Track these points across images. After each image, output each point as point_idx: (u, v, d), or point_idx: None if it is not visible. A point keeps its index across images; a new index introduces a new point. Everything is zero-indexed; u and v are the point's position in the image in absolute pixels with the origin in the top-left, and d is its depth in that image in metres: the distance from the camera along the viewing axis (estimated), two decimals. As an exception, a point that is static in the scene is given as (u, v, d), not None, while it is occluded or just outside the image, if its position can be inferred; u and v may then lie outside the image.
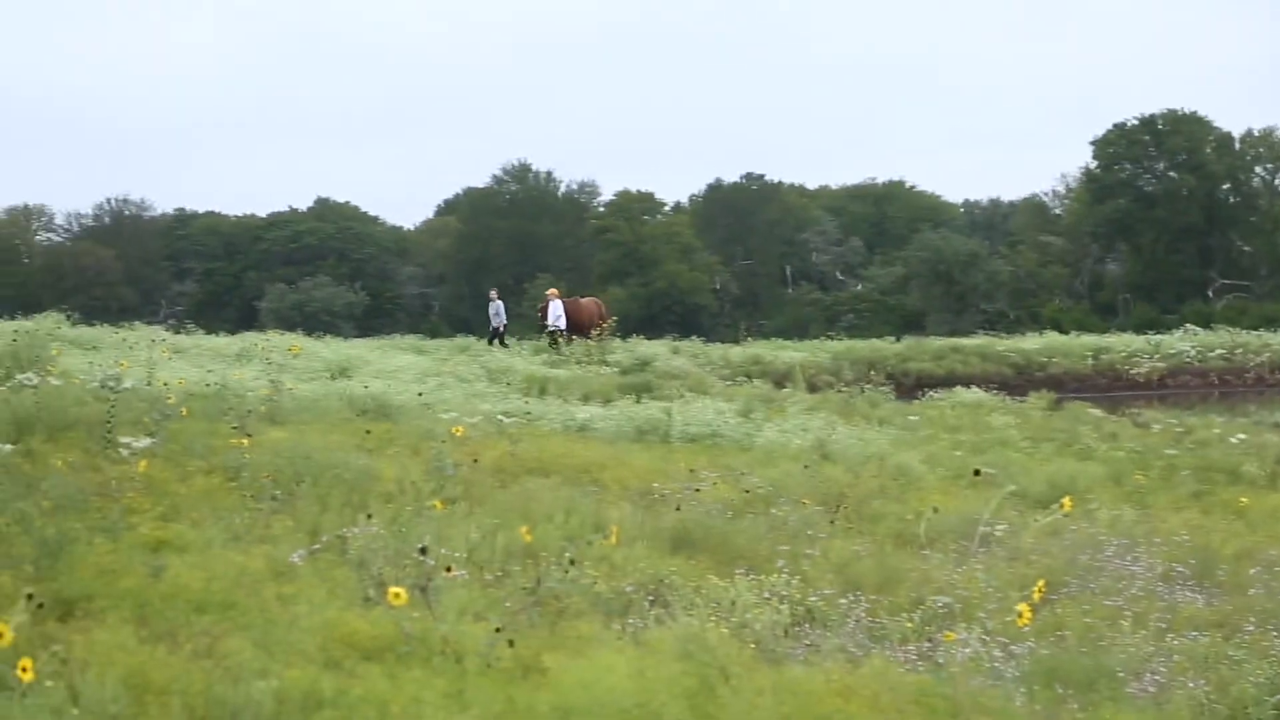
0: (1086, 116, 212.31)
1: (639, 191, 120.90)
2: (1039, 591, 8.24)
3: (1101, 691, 8.80)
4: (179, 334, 38.67)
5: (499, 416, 20.79)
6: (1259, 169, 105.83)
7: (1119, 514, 15.57)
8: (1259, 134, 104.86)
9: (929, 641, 9.89)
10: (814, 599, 10.85)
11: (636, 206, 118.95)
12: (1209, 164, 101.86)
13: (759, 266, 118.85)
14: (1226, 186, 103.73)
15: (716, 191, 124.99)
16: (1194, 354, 55.92)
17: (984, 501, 13.03)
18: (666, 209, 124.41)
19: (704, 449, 21.03)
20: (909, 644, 9.92)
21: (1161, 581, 12.60)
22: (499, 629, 8.22)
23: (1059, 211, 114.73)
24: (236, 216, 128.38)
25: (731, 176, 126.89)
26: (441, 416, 19.57)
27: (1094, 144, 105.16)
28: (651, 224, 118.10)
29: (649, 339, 48.69)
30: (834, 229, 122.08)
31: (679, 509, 13.90)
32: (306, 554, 10.60)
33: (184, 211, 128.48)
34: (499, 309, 44.72)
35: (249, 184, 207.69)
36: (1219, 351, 56.01)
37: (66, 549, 9.67)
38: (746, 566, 11.89)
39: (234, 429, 15.15)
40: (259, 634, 8.37)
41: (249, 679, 7.24)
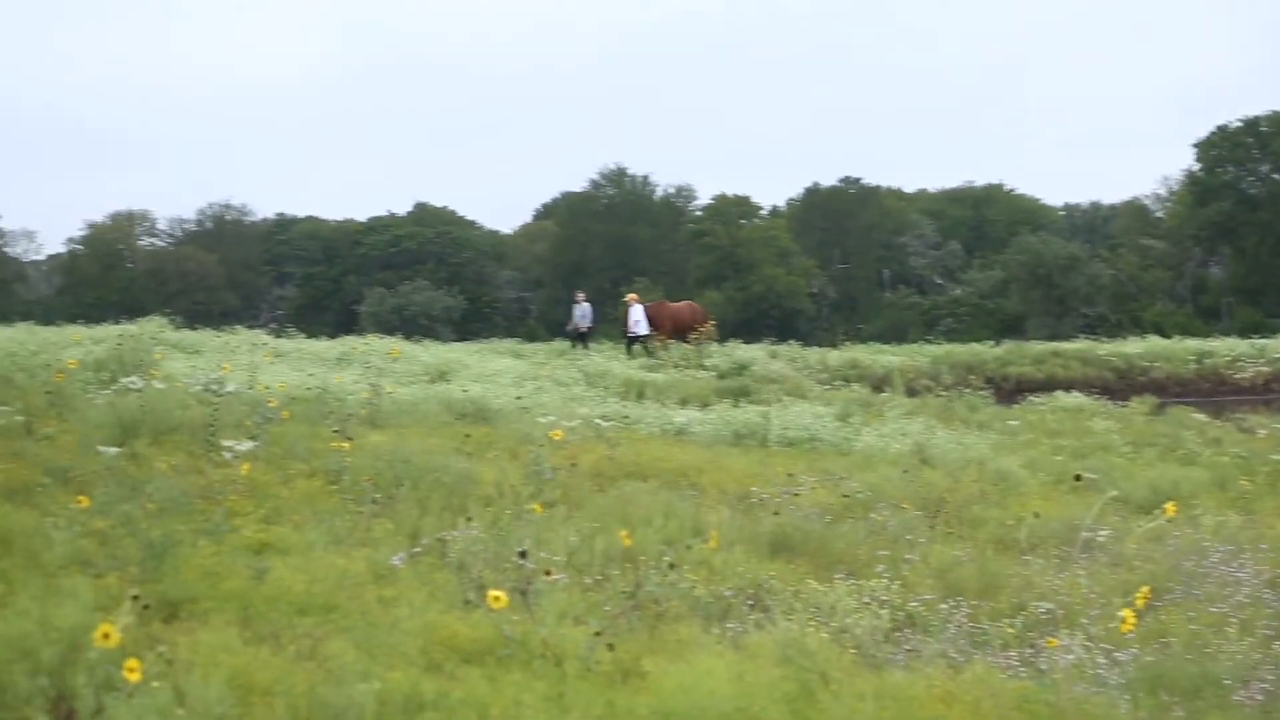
0: (1189, 119, 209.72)
1: (736, 195, 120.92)
2: (1142, 597, 8.14)
3: (1207, 699, 8.67)
4: (280, 338, 38.99)
5: (597, 420, 20.80)
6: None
7: (1223, 520, 15.33)
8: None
9: (1031, 647, 9.79)
10: (914, 604, 10.78)
11: (733, 210, 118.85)
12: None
13: (856, 270, 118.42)
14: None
15: (814, 195, 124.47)
16: (1299, 358, 54.98)
17: (1086, 507, 12.92)
18: (763, 213, 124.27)
19: (802, 453, 20.99)
20: (1010, 650, 9.83)
21: (1268, 588, 12.37)
22: (598, 632, 8.23)
23: (1160, 214, 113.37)
24: (336, 221, 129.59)
25: (829, 180, 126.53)
26: (539, 420, 19.61)
27: (1196, 146, 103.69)
28: (748, 228, 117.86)
29: (746, 343, 48.58)
30: (932, 232, 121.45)
31: (777, 513, 13.87)
32: (407, 557, 10.65)
33: (284, 216, 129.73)
34: (585, 311, 44.59)
35: (348, 189, 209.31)
36: (1325, 355, 55.05)
37: (171, 551, 9.78)
38: (846, 571, 11.84)
39: (335, 432, 15.26)
40: (360, 636, 8.43)
41: (351, 681, 7.28)
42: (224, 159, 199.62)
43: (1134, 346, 58.07)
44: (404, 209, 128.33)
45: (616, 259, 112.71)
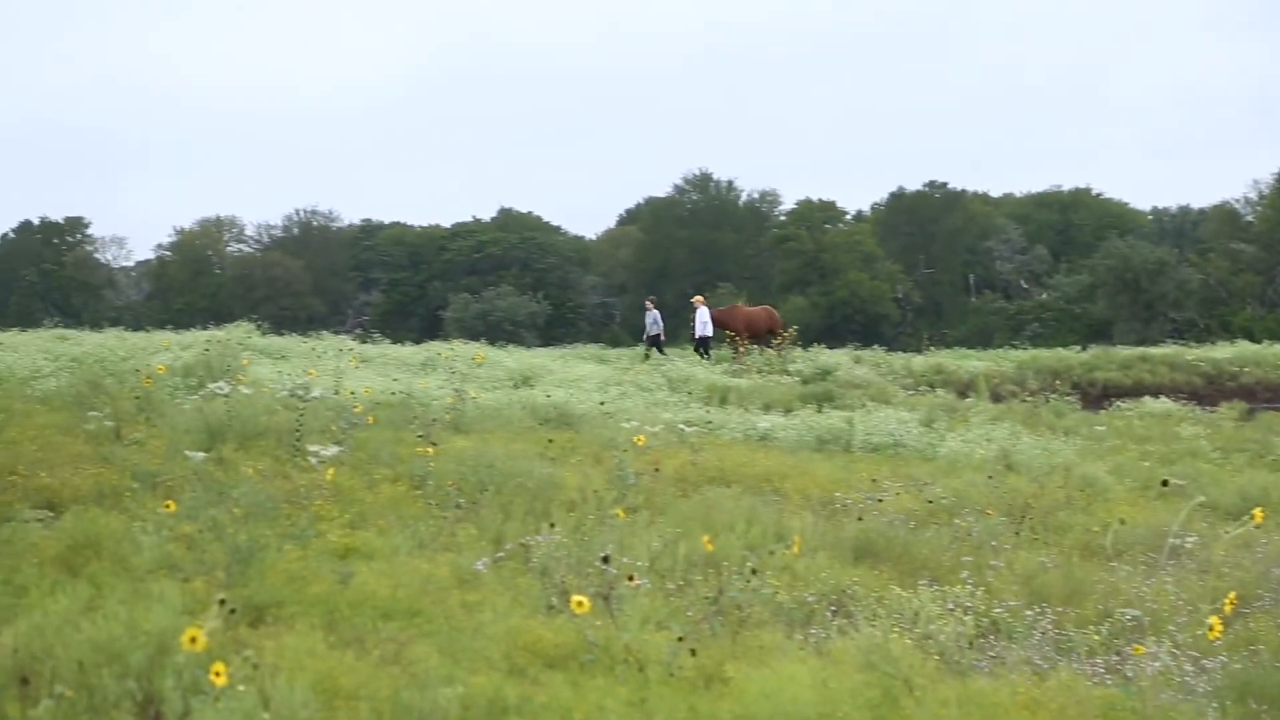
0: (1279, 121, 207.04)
1: (820, 200, 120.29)
2: (1230, 604, 8.06)
3: (1297, 708, 8.58)
4: (365, 343, 39.28)
5: (680, 425, 20.80)
6: None
7: (1314, 527, 15.17)
8: None
9: (1117, 655, 9.72)
10: (999, 610, 10.71)
11: (818, 215, 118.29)
12: None
13: (941, 275, 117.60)
14: None
15: (899, 200, 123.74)
16: (1392, 364, 54.05)
17: (1173, 513, 12.77)
18: (848, 217, 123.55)
19: (886, 458, 20.92)
20: (1096, 657, 9.75)
21: (1360, 597, 12.25)
22: (681, 638, 8.23)
23: (1251, 218, 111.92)
24: (421, 227, 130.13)
25: (914, 184, 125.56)
26: (623, 425, 19.66)
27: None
28: (833, 232, 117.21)
29: (830, 348, 48.30)
30: (1018, 237, 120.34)
31: (861, 519, 13.83)
32: (490, 562, 10.70)
33: (370, 222, 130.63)
34: (656, 318, 44.63)
35: (434, 195, 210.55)
36: None
37: (257, 556, 9.87)
38: (930, 577, 11.78)
39: (419, 438, 15.36)
40: (444, 641, 8.48)
41: (435, 685, 7.32)
42: (311, 165, 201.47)
43: (1223, 351, 57.29)
44: (489, 215, 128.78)
45: (700, 264, 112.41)
